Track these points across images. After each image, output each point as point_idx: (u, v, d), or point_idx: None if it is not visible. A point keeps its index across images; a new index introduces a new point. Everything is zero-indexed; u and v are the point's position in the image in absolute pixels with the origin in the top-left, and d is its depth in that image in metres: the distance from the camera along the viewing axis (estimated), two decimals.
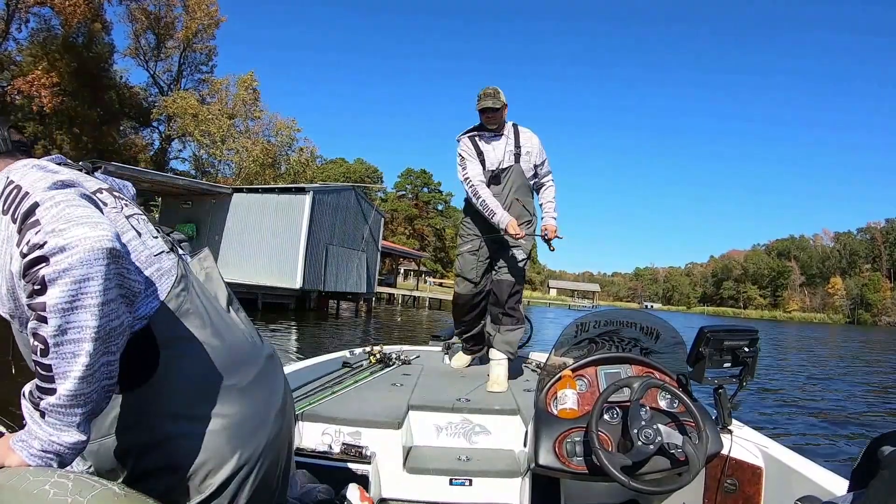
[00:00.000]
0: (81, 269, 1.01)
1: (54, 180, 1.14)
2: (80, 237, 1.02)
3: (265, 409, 1.50)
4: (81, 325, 1.02)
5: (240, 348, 1.50)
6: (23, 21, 39.89)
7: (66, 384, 1.05)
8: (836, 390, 13.63)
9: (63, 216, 1.05)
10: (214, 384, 1.37)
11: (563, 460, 2.27)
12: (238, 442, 1.38)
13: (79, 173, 1.36)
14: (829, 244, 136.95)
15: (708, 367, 2.46)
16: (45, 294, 1.01)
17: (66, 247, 1.01)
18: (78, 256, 1.01)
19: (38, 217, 1.06)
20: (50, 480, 0.97)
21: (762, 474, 2.48)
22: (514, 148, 4.18)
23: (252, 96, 49.06)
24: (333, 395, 3.50)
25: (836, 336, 48.90)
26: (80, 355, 1.03)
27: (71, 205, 1.08)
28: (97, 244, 1.03)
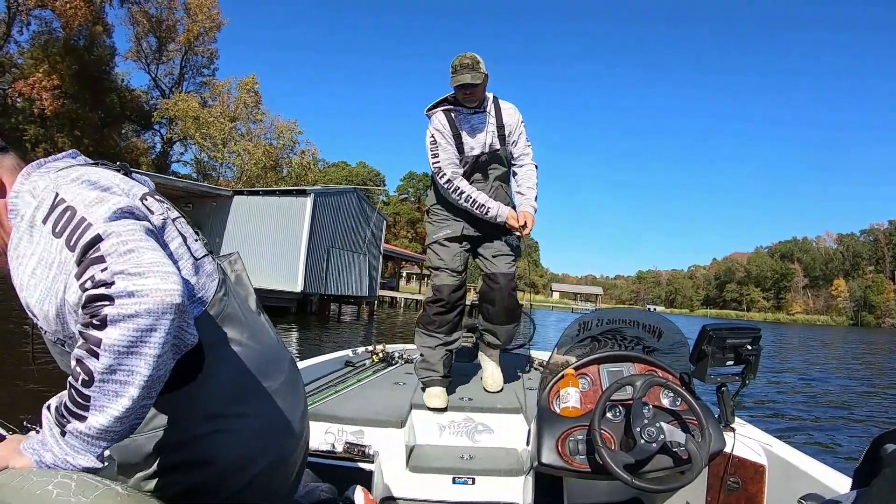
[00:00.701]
0: (147, 320, 1.02)
1: (114, 208, 1.13)
2: (151, 288, 1.03)
3: (293, 411, 1.55)
4: (133, 370, 1.03)
5: (271, 351, 1.54)
6: (24, 24, 40.19)
7: (100, 418, 1.05)
8: (836, 392, 13.69)
9: (132, 260, 1.05)
10: (251, 385, 1.42)
11: (566, 459, 2.27)
12: (268, 441, 1.44)
13: (124, 180, 1.34)
14: (833, 246, 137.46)
15: (710, 365, 2.43)
16: (103, 331, 1.01)
17: (136, 293, 1.02)
18: (146, 307, 1.02)
19: (102, 253, 1.05)
20: (53, 481, 0.97)
21: (765, 472, 2.50)
22: (496, 128, 3.56)
23: (253, 99, 49.05)
24: (336, 394, 3.51)
25: (838, 338, 49.19)
26: (122, 396, 1.04)
27: (139, 245, 1.08)
28: (168, 298, 1.04)
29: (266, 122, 50.26)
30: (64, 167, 1.28)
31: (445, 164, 3.47)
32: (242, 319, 1.46)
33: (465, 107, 3.47)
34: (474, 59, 3.30)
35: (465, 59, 3.29)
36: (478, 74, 3.28)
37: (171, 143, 51.08)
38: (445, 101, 3.53)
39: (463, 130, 3.50)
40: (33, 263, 1.14)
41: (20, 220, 1.18)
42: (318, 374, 3.84)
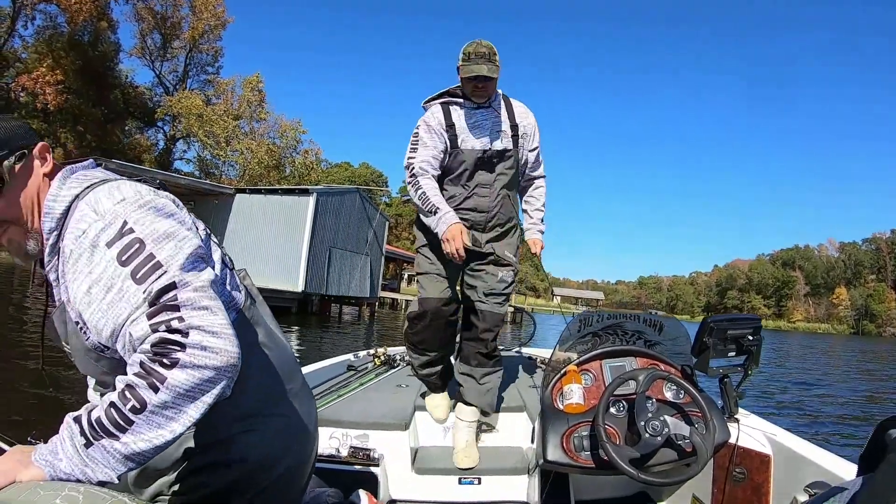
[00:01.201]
0: (212, 373, 1.12)
1: (187, 253, 1.21)
2: (221, 348, 1.13)
3: (309, 413, 1.63)
4: (184, 411, 1.11)
5: (290, 357, 1.63)
6: (29, 18, 40.21)
7: (137, 443, 1.10)
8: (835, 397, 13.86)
9: (207, 318, 1.15)
10: (278, 387, 1.52)
11: (572, 455, 2.29)
12: (291, 441, 1.51)
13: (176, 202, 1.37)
14: (835, 254, 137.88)
15: (712, 357, 2.47)
16: (170, 371, 1.09)
17: (209, 349, 1.12)
18: (215, 363, 1.12)
19: (178, 303, 1.14)
20: (61, 494, 0.98)
21: (770, 462, 2.48)
22: (509, 126, 3.07)
23: (257, 97, 49.05)
24: (339, 398, 3.49)
25: (838, 347, 49.67)
26: (164, 429, 1.11)
27: (212, 305, 1.17)
28: (231, 360, 1.15)
29: (269, 121, 50.38)
30: (106, 178, 1.33)
31: (419, 161, 2.97)
32: (267, 326, 1.56)
33: (470, 100, 3.00)
34: (491, 49, 2.84)
35: (480, 48, 2.83)
36: (494, 67, 2.83)
37: (174, 141, 51.13)
38: (447, 93, 3.08)
39: (464, 125, 3.00)
40: (89, 282, 1.19)
41: (82, 236, 1.21)
42: (321, 378, 3.81)
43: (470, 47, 2.87)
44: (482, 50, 2.84)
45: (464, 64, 2.86)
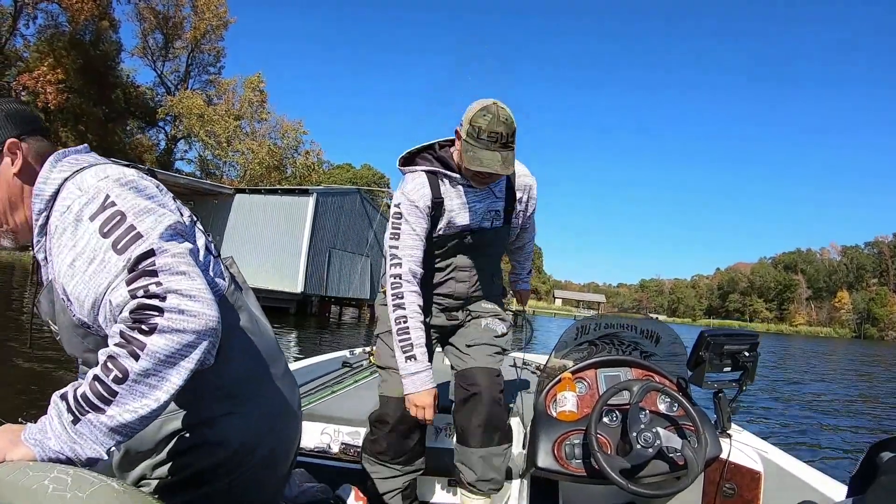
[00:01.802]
0: (191, 337, 1.12)
1: (166, 224, 1.23)
2: (199, 311, 1.14)
3: (292, 396, 1.65)
4: (166, 378, 1.11)
5: (273, 343, 1.64)
6: (30, 17, 40.23)
7: (123, 414, 1.10)
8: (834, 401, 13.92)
9: (185, 282, 1.15)
10: (261, 370, 1.53)
11: (562, 463, 2.27)
12: (274, 423, 1.53)
13: (159, 186, 1.40)
14: (837, 258, 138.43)
15: (708, 370, 2.46)
16: (149, 337, 1.09)
17: (186, 312, 1.12)
18: (194, 326, 1.12)
19: (156, 268, 1.15)
20: (49, 475, 0.99)
21: (761, 479, 2.50)
22: (503, 200, 2.53)
23: (259, 98, 48.95)
24: (333, 394, 3.51)
25: (839, 351, 49.59)
26: (148, 398, 1.11)
27: (190, 270, 1.18)
28: (211, 323, 1.15)
29: (271, 122, 50.19)
30: (95, 163, 1.35)
31: (406, 256, 2.38)
32: (251, 311, 1.57)
33: (460, 175, 2.40)
34: (510, 127, 2.18)
35: (497, 124, 2.16)
36: (510, 155, 2.21)
37: (175, 141, 51.06)
38: (433, 153, 2.46)
39: (454, 205, 2.44)
40: (73, 255, 1.21)
41: (66, 211, 1.24)
42: (315, 374, 3.81)
43: (482, 119, 2.17)
44: (498, 129, 2.16)
45: (470, 143, 2.20)
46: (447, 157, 2.44)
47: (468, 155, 2.21)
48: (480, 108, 2.19)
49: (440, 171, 2.41)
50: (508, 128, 2.18)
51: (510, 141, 2.20)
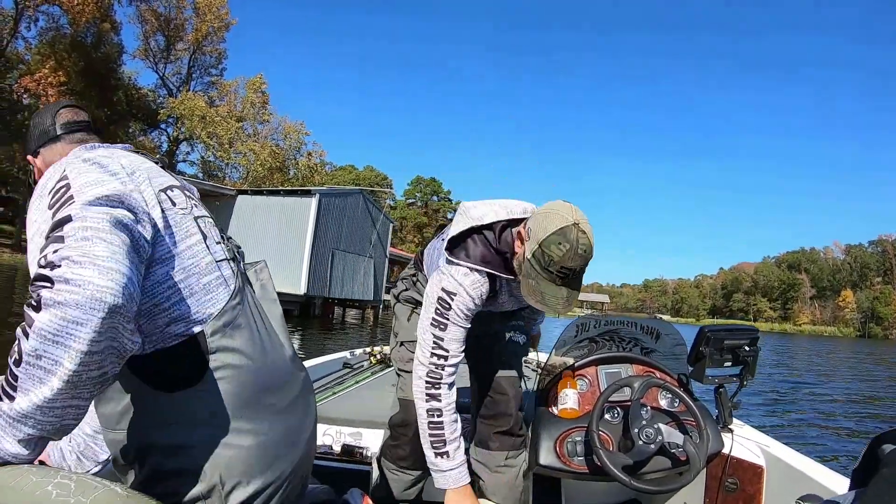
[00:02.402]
0: (76, 312, 0.98)
1: (99, 194, 1.13)
2: (86, 280, 0.99)
3: (297, 432, 1.50)
4: (57, 360, 0.99)
5: (282, 369, 1.49)
6: (32, 19, 40.20)
7: (23, 401, 1.01)
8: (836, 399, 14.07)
9: (84, 248, 1.02)
10: (253, 401, 1.36)
11: (564, 460, 2.27)
12: (268, 461, 1.37)
13: (149, 169, 1.36)
14: (840, 257, 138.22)
15: (708, 366, 2.46)
16: (37, 314, 0.99)
17: (71, 282, 0.99)
18: (76, 297, 0.98)
19: (64, 234, 1.04)
20: (53, 481, 0.98)
21: (763, 473, 2.52)
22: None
23: (261, 99, 49.06)
24: (334, 395, 3.52)
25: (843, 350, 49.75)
26: (45, 385, 1.00)
27: (98, 235, 1.05)
28: (99, 294, 1.00)
29: (273, 123, 50.31)
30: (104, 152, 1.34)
31: (452, 350, 2.11)
32: (255, 332, 1.42)
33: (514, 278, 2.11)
34: (585, 259, 1.89)
35: (573, 260, 1.85)
36: (576, 294, 1.94)
37: (177, 143, 50.96)
38: (491, 232, 2.09)
39: (503, 295, 2.25)
40: (32, 231, 1.20)
41: (38, 188, 1.24)
42: (316, 375, 3.78)
43: (557, 248, 1.84)
44: (573, 265, 1.86)
45: (534, 269, 1.90)
46: (508, 250, 2.09)
47: (529, 283, 1.91)
48: (557, 229, 1.83)
49: (496, 275, 2.10)
50: (585, 260, 1.87)
51: (582, 274, 1.92)
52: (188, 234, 1.34)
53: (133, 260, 1.10)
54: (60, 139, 1.52)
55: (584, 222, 1.86)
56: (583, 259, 1.86)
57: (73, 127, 1.54)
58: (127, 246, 1.09)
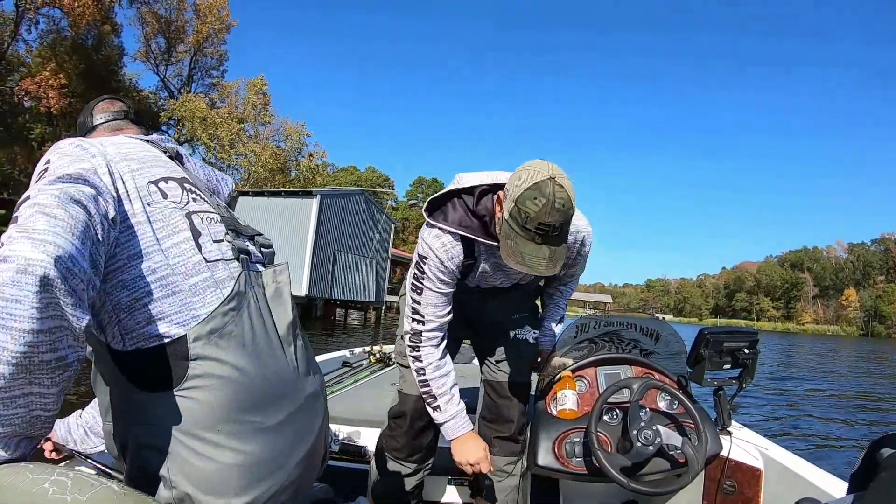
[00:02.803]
0: (12, 290, 0.92)
1: (64, 172, 1.12)
2: (18, 254, 0.94)
3: (289, 452, 1.36)
4: (3, 346, 0.92)
5: (280, 383, 1.35)
6: (32, 22, 40.22)
7: None
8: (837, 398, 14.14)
9: (27, 224, 0.99)
10: (236, 416, 1.25)
11: (563, 461, 2.27)
12: (248, 481, 1.27)
13: (146, 157, 1.36)
14: (843, 255, 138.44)
15: (708, 368, 2.47)
16: None
17: (6, 259, 0.94)
18: (9, 274, 0.92)
19: (19, 213, 1.02)
20: (49, 478, 0.96)
21: (761, 476, 2.52)
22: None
23: (262, 100, 49.01)
24: (333, 394, 3.52)
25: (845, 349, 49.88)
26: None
27: (43, 211, 1.01)
28: (27, 267, 0.93)
29: (274, 125, 50.27)
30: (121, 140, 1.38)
31: (429, 315, 2.14)
32: (250, 342, 1.29)
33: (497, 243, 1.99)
34: (566, 215, 1.78)
35: (550, 215, 1.74)
36: (560, 252, 1.83)
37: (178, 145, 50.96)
38: (469, 196, 2.07)
39: (486, 262, 2.20)
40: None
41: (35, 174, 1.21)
42: None
43: (532, 203, 1.74)
44: (550, 220, 1.75)
45: (513, 229, 1.81)
46: (487, 214, 2.04)
47: (508, 244, 1.83)
48: (532, 184, 1.75)
49: (475, 239, 2.06)
50: (564, 215, 1.77)
51: (564, 230, 1.82)
52: (175, 230, 1.28)
53: (81, 235, 1.03)
54: (96, 129, 1.59)
55: (561, 176, 1.77)
56: (561, 213, 1.75)
57: (108, 117, 1.61)
58: (75, 220, 1.04)
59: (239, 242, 1.44)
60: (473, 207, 2.05)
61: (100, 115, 1.62)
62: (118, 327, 1.19)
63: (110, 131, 1.58)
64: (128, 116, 1.65)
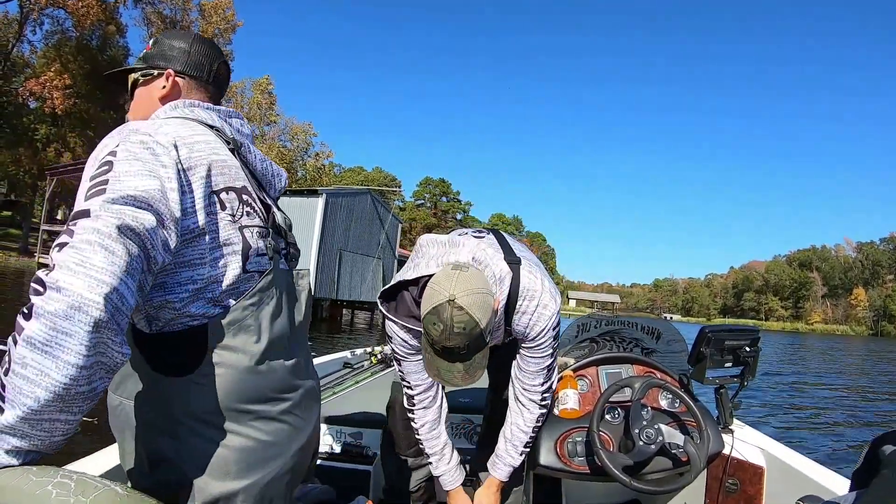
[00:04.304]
0: (64, 322, 0.96)
1: (129, 191, 1.12)
2: (73, 289, 0.98)
3: (287, 442, 1.46)
4: (44, 371, 0.96)
5: (285, 377, 1.46)
6: (37, 23, 40.44)
7: (9, 414, 0.97)
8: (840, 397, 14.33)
9: (83, 255, 1.01)
10: (243, 405, 1.35)
11: (565, 460, 2.27)
12: (248, 465, 1.36)
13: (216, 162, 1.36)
14: (852, 254, 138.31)
15: (709, 366, 2.47)
16: (27, 321, 0.97)
17: (62, 291, 0.97)
18: (63, 307, 0.96)
19: (76, 229, 1.04)
20: (53, 481, 0.97)
21: (763, 474, 2.53)
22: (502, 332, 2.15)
23: (267, 100, 49.09)
24: (335, 395, 3.55)
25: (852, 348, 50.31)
26: (27, 397, 0.97)
27: (102, 243, 1.03)
28: (81, 305, 0.97)
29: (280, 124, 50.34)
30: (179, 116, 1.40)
31: (413, 381, 2.20)
32: (264, 337, 1.39)
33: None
34: (469, 337, 1.72)
35: (450, 339, 1.71)
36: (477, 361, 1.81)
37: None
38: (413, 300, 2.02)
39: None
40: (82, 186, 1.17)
41: (99, 147, 1.22)
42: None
43: (432, 327, 1.72)
44: (451, 344, 1.72)
45: (427, 346, 1.83)
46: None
47: (426, 356, 1.85)
48: (431, 308, 1.71)
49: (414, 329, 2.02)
50: (466, 337, 1.71)
51: (474, 349, 1.76)
52: (226, 243, 1.33)
53: (134, 271, 1.07)
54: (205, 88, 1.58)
55: (463, 294, 1.69)
56: (463, 336, 1.70)
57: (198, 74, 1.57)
58: (131, 257, 1.06)
59: (275, 243, 1.50)
60: (418, 298, 1.96)
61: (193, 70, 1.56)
62: (145, 316, 1.27)
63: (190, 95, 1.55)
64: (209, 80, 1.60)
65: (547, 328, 2.04)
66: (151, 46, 1.57)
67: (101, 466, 1.92)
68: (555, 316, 2.05)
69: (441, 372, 1.81)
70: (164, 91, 1.52)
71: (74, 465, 1.88)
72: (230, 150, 1.45)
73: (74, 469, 1.06)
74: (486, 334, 1.76)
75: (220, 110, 1.53)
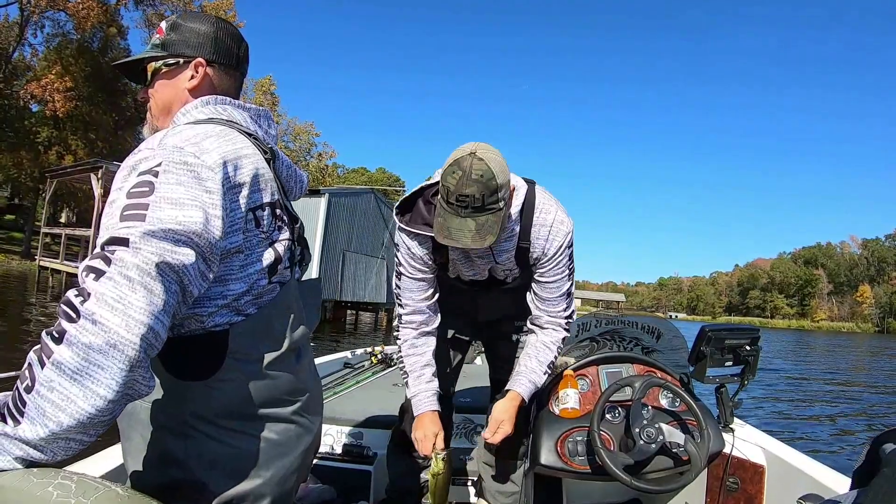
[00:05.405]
0: (98, 355, 0.97)
1: (170, 224, 1.08)
2: (111, 325, 0.98)
3: (295, 443, 1.48)
4: (70, 398, 0.97)
5: (296, 381, 1.48)
6: (38, 26, 40.48)
7: (28, 431, 0.97)
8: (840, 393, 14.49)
9: (122, 291, 1.01)
10: (259, 407, 1.37)
11: (565, 460, 2.27)
12: (259, 465, 1.38)
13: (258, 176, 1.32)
14: (857, 251, 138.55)
15: (709, 365, 2.50)
16: (57, 346, 0.97)
17: (98, 325, 0.97)
18: (99, 341, 0.97)
19: (113, 258, 1.02)
20: (53, 482, 0.97)
21: (764, 473, 2.57)
22: (515, 251, 2.17)
23: (270, 101, 49.04)
24: (335, 395, 3.57)
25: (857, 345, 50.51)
26: (51, 420, 0.97)
27: (142, 281, 1.03)
28: (118, 343, 0.98)
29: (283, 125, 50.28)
30: (210, 123, 1.30)
31: (407, 299, 2.26)
32: (280, 343, 1.40)
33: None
34: (486, 186, 1.77)
35: (467, 186, 1.77)
36: (489, 223, 1.82)
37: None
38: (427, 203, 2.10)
39: (453, 252, 2.20)
40: (112, 197, 1.14)
41: (135, 155, 1.19)
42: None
43: (451, 177, 1.79)
44: (467, 192, 1.76)
45: (440, 206, 1.86)
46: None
47: (437, 221, 1.88)
48: (452, 161, 1.82)
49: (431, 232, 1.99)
50: (484, 187, 1.77)
51: (488, 203, 1.80)
52: (258, 259, 1.33)
53: (170, 308, 1.07)
54: (234, 77, 1.51)
55: (483, 150, 1.81)
56: (480, 184, 1.76)
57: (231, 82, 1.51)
58: (168, 295, 1.06)
59: (299, 254, 1.53)
60: (432, 199, 2.06)
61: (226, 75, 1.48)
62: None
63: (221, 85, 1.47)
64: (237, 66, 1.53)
65: (564, 245, 2.15)
66: (167, 31, 1.45)
67: (101, 468, 1.92)
68: (571, 234, 2.16)
69: (452, 232, 1.82)
70: (194, 83, 1.43)
71: (75, 466, 1.86)
72: (266, 159, 1.39)
73: (75, 470, 1.05)
74: (501, 193, 1.80)
75: (251, 109, 1.48)
